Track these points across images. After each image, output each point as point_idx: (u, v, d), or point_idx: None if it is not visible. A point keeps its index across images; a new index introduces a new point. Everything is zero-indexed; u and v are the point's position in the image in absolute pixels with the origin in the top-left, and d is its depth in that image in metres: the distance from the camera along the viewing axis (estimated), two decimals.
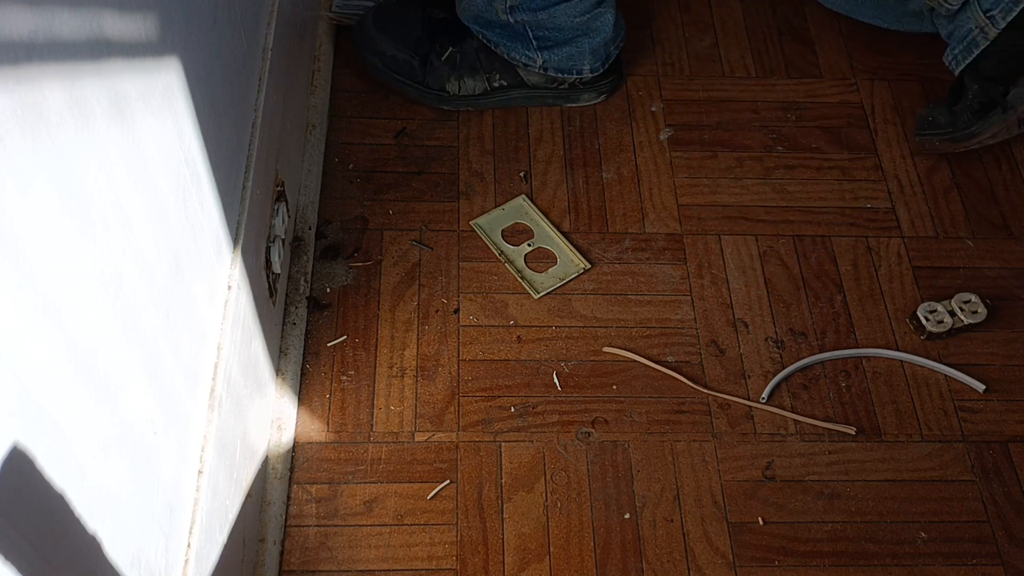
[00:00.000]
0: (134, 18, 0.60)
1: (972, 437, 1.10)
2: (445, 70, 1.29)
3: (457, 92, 1.30)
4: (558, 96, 1.34)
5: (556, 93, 1.33)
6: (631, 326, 1.16)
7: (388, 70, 1.31)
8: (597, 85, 1.34)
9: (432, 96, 1.31)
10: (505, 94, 1.32)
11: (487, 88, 1.31)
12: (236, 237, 0.87)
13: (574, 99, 1.34)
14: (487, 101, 1.32)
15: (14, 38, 0.45)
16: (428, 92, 1.31)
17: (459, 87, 1.30)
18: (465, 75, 1.29)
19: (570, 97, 1.34)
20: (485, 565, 0.99)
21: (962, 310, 1.16)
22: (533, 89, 1.32)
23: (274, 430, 1.05)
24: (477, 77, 1.30)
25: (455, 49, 1.30)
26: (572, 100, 1.34)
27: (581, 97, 1.34)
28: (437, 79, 1.30)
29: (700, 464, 1.06)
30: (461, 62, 1.29)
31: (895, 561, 1.02)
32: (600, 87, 1.34)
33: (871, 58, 1.43)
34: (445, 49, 1.30)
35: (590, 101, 1.35)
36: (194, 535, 0.75)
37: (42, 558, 0.50)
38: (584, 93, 1.34)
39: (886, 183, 1.30)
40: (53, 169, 0.50)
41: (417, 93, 1.31)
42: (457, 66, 1.29)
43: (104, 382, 0.57)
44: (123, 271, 0.60)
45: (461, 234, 1.22)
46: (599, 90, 1.34)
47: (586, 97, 1.34)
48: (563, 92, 1.33)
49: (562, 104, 1.35)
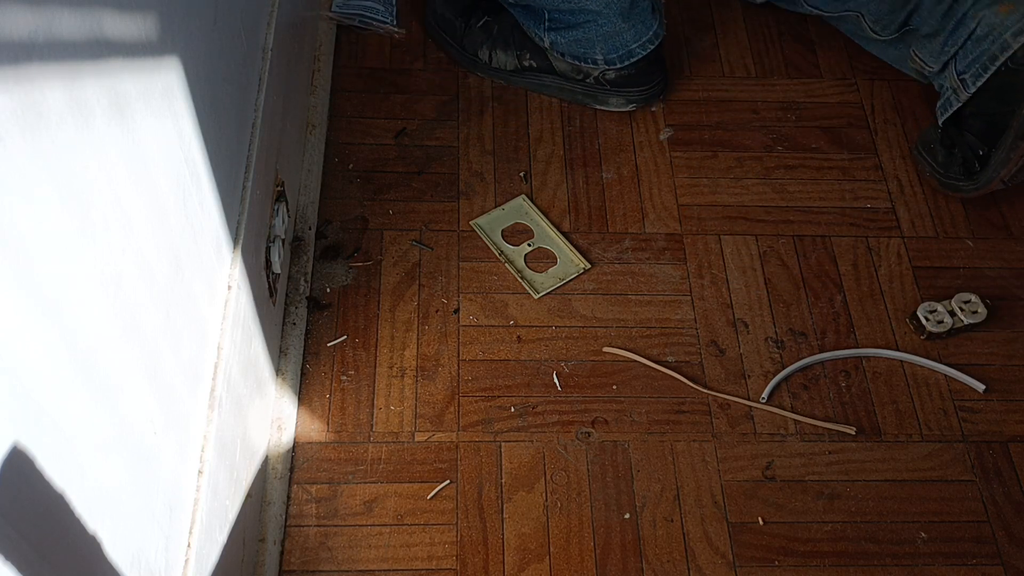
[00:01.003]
0: (134, 18, 0.60)
1: (972, 437, 1.10)
2: (480, 37, 1.32)
3: (488, 62, 1.33)
4: (587, 93, 1.32)
5: (584, 89, 1.32)
6: (631, 326, 1.16)
7: (436, 27, 1.36)
8: (626, 92, 1.31)
9: (467, 60, 1.35)
10: (536, 77, 1.33)
11: (518, 66, 1.32)
12: (236, 237, 0.87)
13: (602, 100, 1.33)
14: (519, 80, 1.34)
15: (14, 38, 0.45)
16: (464, 55, 1.34)
17: (491, 58, 1.32)
18: (498, 47, 1.31)
19: (597, 97, 1.32)
20: (485, 565, 0.99)
21: (962, 310, 1.16)
22: (563, 79, 1.31)
23: (274, 430, 1.05)
24: (508, 52, 1.31)
25: (491, 19, 1.33)
26: (600, 102, 1.33)
27: (609, 100, 1.32)
28: (472, 43, 1.33)
29: (700, 464, 1.06)
30: (497, 34, 1.32)
31: (895, 561, 1.02)
32: (629, 95, 1.31)
33: (871, 58, 1.43)
34: (481, 17, 1.33)
35: (618, 107, 1.33)
36: (194, 535, 0.75)
37: (42, 558, 0.50)
38: (612, 97, 1.32)
39: (886, 183, 1.30)
40: (53, 169, 0.50)
41: (456, 54, 1.35)
42: (492, 36, 1.32)
43: (104, 382, 0.57)
44: (123, 271, 0.60)
45: (461, 234, 1.22)
46: (628, 97, 1.32)
47: (614, 102, 1.32)
48: (590, 90, 1.32)
49: (591, 104, 1.33)
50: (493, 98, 1.35)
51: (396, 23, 1.41)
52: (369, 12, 1.40)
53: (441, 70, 1.38)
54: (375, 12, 1.40)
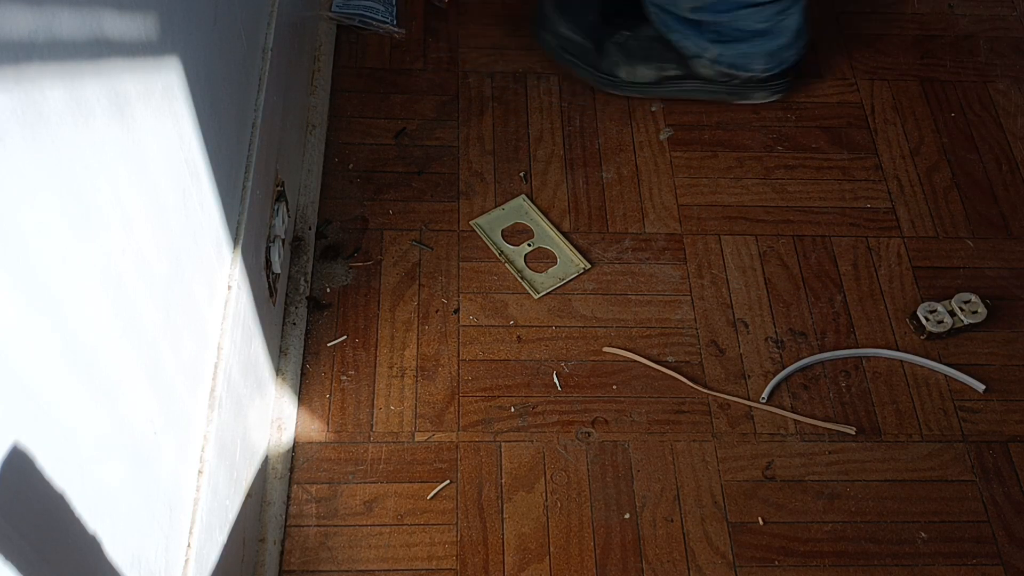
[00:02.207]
0: (134, 18, 0.60)
1: (972, 437, 1.10)
2: (619, 56, 1.30)
3: (629, 79, 1.31)
4: (730, 91, 1.33)
5: (729, 89, 1.32)
6: (631, 326, 1.16)
7: (562, 50, 1.32)
8: (771, 84, 1.32)
9: (603, 80, 1.32)
10: (676, 84, 1.32)
11: (659, 77, 1.30)
12: (236, 237, 0.87)
13: (746, 96, 1.33)
14: (658, 90, 1.33)
15: (14, 38, 0.45)
16: (599, 76, 1.32)
17: (631, 74, 1.30)
18: (638, 63, 1.29)
19: (742, 93, 1.33)
20: (485, 565, 0.99)
21: (962, 310, 1.16)
22: (704, 82, 1.31)
23: (274, 430, 1.05)
24: (650, 65, 1.29)
25: (630, 35, 1.30)
26: (743, 96, 1.33)
27: (754, 95, 1.33)
28: (610, 64, 1.30)
29: (700, 464, 1.06)
30: (635, 49, 1.29)
31: (895, 561, 1.02)
32: (774, 86, 1.33)
33: (871, 58, 1.43)
34: (620, 35, 1.30)
35: (762, 99, 1.34)
36: (194, 535, 0.75)
37: (42, 558, 0.50)
38: (757, 91, 1.33)
39: (886, 183, 1.30)
40: (53, 169, 0.50)
41: (588, 76, 1.33)
42: (631, 53, 1.29)
43: (104, 382, 0.57)
44: (123, 271, 0.60)
45: (461, 234, 1.22)
46: (772, 89, 1.33)
47: (759, 95, 1.33)
48: (735, 88, 1.32)
49: (733, 100, 1.34)
50: (493, 98, 1.35)
51: (396, 23, 1.41)
52: (369, 12, 1.40)
53: (441, 70, 1.38)
54: (375, 12, 1.40)
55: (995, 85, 1.41)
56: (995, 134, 1.36)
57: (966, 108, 1.39)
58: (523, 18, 1.45)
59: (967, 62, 1.44)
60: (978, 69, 1.43)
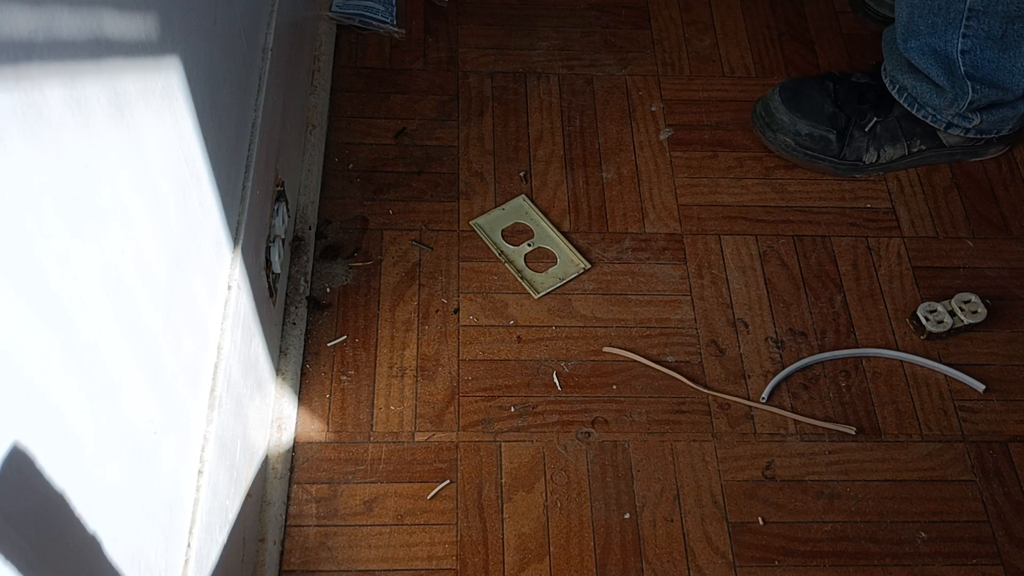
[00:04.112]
0: (134, 18, 0.60)
1: (972, 437, 1.10)
2: (865, 141, 1.27)
3: (875, 161, 1.28)
4: (966, 152, 1.31)
5: (966, 149, 1.30)
6: (631, 326, 1.16)
7: (801, 148, 1.28)
8: (1007, 138, 1.31)
9: (847, 167, 1.29)
10: (920, 156, 1.30)
11: (905, 154, 1.28)
12: (236, 237, 0.87)
13: (981, 153, 1.32)
14: (899, 164, 1.30)
15: (14, 38, 0.45)
16: (843, 164, 1.29)
17: (877, 156, 1.28)
18: (885, 144, 1.27)
19: (976, 151, 1.31)
20: (485, 565, 0.99)
21: (962, 310, 1.16)
22: (948, 148, 1.29)
23: (274, 430, 1.05)
24: (898, 145, 1.27)
25: (879, 119, 1.27)
26: (979, 155, 1.32)
27: (989, 151, 1.32)
28: (855, 150, 1.28)
29: (700, 464, 1.06)
30: (882, 132, 1.27)
31: (895, 561, 1.02)
32: (1008, 139, 1.32)
33: (871, 58, 1.43)
34: (868, 120, 1.27)
35: (997, 154, 1.33)
36: (194, 535, 0.75)
37: (42, 558, 0.50)
38: (991, 147, 1.31)
39: (886, 183, 1.30)
40: (53, 169, 0.50)
41: (830, 166, 1.29)
42: (878, 136, 1.27)
43: (104, 382, 0.57)
44: (123, 271, 0.60)
45: (461, 234, 1.22)
46: (1007, 142, 1.32)
47: (992, 151, 1.32)
48: (974, 148, 1.30)
49: (967, 159, 1.32)
50: (493, 98, 1.35)
51: (396, 23, 1.41)
52: (369, 12, 1.40)
53: (441, 70, 1.38)
54: (375, 12, 1.40)
55: None
56: None
57: None
58: (523, 18, 1.45)
59: None
60: None
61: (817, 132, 1.27)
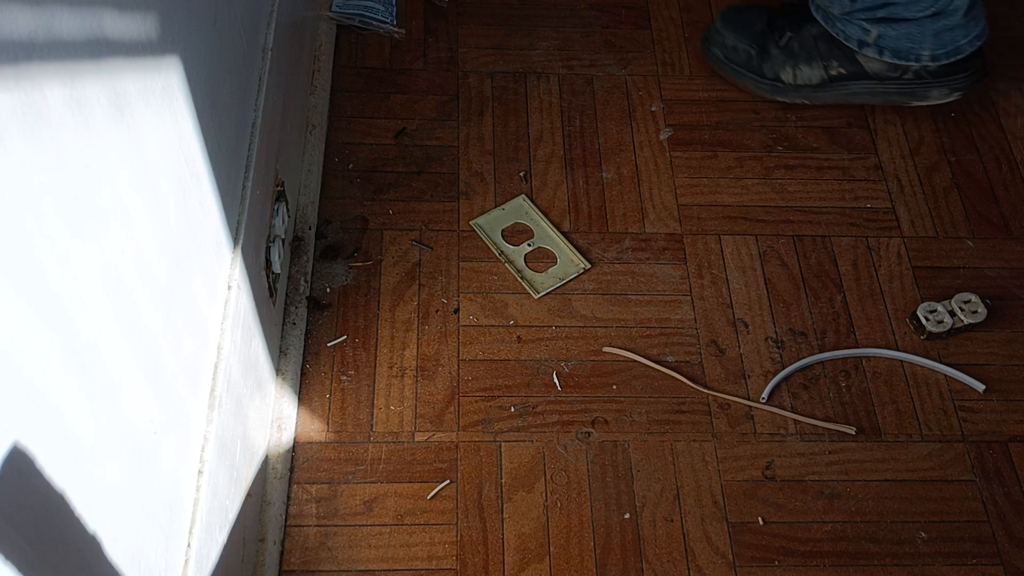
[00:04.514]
0: (134, 17, 0.60)
1: (972, 437, 1.10)
2: (781, 58, 1.27)
3: (793, 81, 1.28)
4: (902, 91, 1.26)
5: (900, 87, 1.26)
6: (631, 326, 1.16)
7: (727, 60, 1.31)
8: (949, 80, 1.25)
9: (767, 86, 1.31)
10: (844, 86, 1.28)
11: (824, 77, 1.27)
12: (236, 237, 0.87)
13: (921, 95, 1.26)
14: (825, 94, 1.29)
15: (14, 38, 0.45)
16: (763, 82, 1.31)
17: (795, 76, 1.27)
18: (801, 62, 1.27)
19: (916, 93, 1.26)
20: (485, 565, 0.99)
21: (962, 310, 1.16)
22: (874, 80, 1.26)
23: (274, 430, 1.05)
24: (814, 65, 1.26)
25: (792, 35, 1.27)
26: (919, 97, 1.27)
27: (929, 93, 1.26)
28: (772, 68, 1.29)
29: (700, 464, 1.06)
30: (799, 49, 1.27)
31: (895, 561, 1.02)
32: (953, 82, 1.25)
33: None
34: (783, 35, 1.28)
35: (940, 99, 1.27)
36: (194, 535, 0.75)
37: (42, 558, 0.50)
38: (933, 89, 1.25)
39: (886, 183, 1.30)
40: (53, 169, 0.50)
41: (752, 83, 1.32)
42: (794, 54, 1.27)
43: (104, 382, 0.57)
44: (123, 271, 0.60)
45: (461, 234, 1.22)
46: (951, 86, 1.26)
47: (935, 94, 1.26)
48: (907, 86, 1.25)
49: (907, 102, 1.28)
50: (493, 98, 1.35)
51: (396, 23, 1.41)
52: (369, 12, 1.40)
53: (441, 70, 1.38)
54: (375, 12, 1.40)
55: (995, 85, 1.41)
56: (995, 134, 1.36)
57: (966, 108, 1.39)
58: (523, 18, 1.45)
59: None
60: None
61: (741, 46, 1.30)
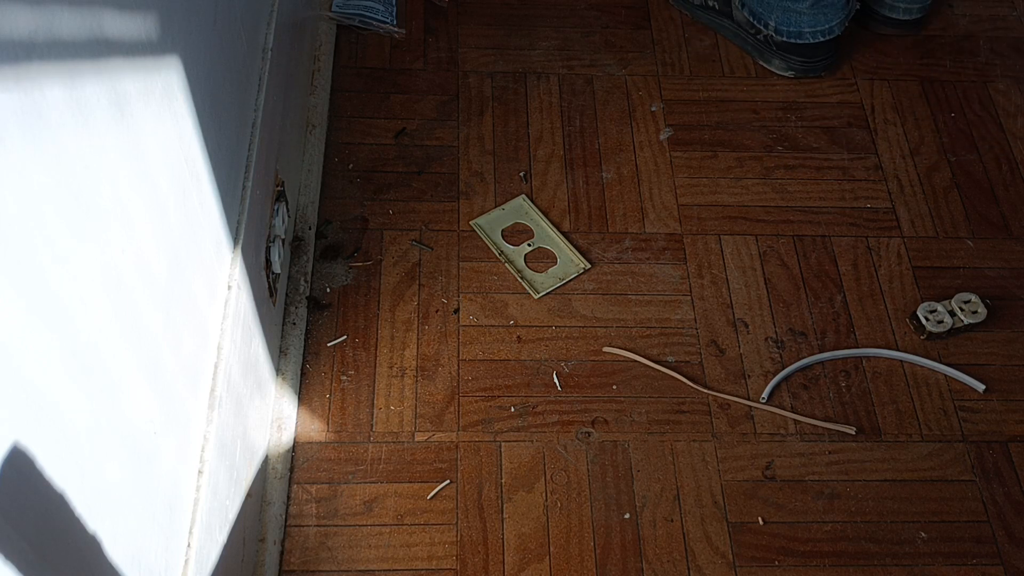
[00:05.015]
0: (134, 18, 0.60)
1: (972, 437, 1.10)
2: None
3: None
4: (755, 47, 1.39)
5: (755, 43, 1.39)
6: (631, 326, 1.16)
7: None
8: (788, 57, 1.38)
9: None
10: (717, 19, 1.42)
11: (703, 2, 1.43)
12: (236, 237, 0.87)
13: (766, 59, 1.40)
14: (702, 15, 1.44)
15: (14, 38, 0.45)
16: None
17: None
18: None
19: (763, 55, 1.39)
20: (485, 565, 0.99)
21: (962, 310, 1.16)
22: (738, 26, 1.39)
23: (274, 430, 1.05)
24: None
25: None
26: (766, 60, 1.40)
27: (772, 61, 1.39)
28: None
29: (700, 464, 1.06)
30: None
31: (895, 561, 1.02)
32: (790, 61, 1.38)
33: (871, 58, 1.43)
34: None
35: (780, 71, 1.39)
36: (194, 535, 0.75)
37: (42, 558, 0.50)
38: (775, 58, 1.38)
39: (886, 183, 1.30)
40: (53, 169, 0.50)
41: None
42: None
43: (104, 382, 0.57)
44: (123, 271, 0.60)
45: (461, 234, 1.22)
46: (788, 63, 1.38)
47: (776, 63, 1.39)
48: (759, 46, 1.38)
49: (757, 59, 1.40)
50: (493, 98, 1.35)
51: (396, 23, 1.41)
52: (369, 12, 1.40)
53: (441, 70, 1.38)
54: (375, 12, 1.40)
55: (995, 85, 1.41)
56: (995, 134, 1.36)
57: (966, 108, 1.39)
58: (523, 18, 1.45)
59: (967, 62, 1.44)
60: (978, 69, 1.43)
61: None
